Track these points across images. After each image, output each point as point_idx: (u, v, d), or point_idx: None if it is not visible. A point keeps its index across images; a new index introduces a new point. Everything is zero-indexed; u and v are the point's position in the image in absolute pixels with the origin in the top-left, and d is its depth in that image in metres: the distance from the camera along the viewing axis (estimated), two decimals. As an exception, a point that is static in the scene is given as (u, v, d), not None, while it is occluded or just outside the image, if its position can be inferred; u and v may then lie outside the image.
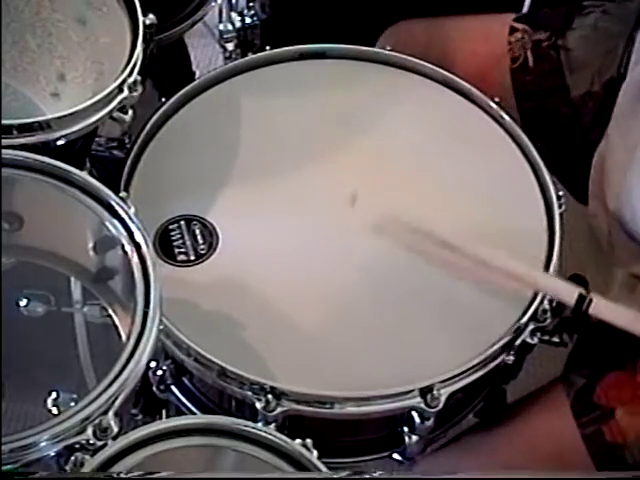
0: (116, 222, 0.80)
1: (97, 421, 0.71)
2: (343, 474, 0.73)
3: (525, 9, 1.17)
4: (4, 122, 0.84)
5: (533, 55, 1.07)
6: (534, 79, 1.06)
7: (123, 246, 0.79)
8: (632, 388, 0.91)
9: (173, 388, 0.94)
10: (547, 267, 0.91)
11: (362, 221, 0.95)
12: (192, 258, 0.92)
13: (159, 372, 0.92)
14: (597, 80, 1.03)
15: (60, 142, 0.87)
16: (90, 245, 0.85)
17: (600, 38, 1.04)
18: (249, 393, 0.83)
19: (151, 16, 0.95)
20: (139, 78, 0.91)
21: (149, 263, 0.78)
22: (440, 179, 0.99)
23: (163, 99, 1.01)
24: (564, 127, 1.05)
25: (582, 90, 1.05)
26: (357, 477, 0.73)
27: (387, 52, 1.07)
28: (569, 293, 0.86)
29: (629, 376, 0.92)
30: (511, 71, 1.08)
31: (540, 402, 0.98)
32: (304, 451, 0.73)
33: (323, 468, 0.73)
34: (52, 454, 0.70)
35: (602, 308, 0.85)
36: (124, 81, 0.89)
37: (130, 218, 0.80)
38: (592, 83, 1.04)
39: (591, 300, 0.84)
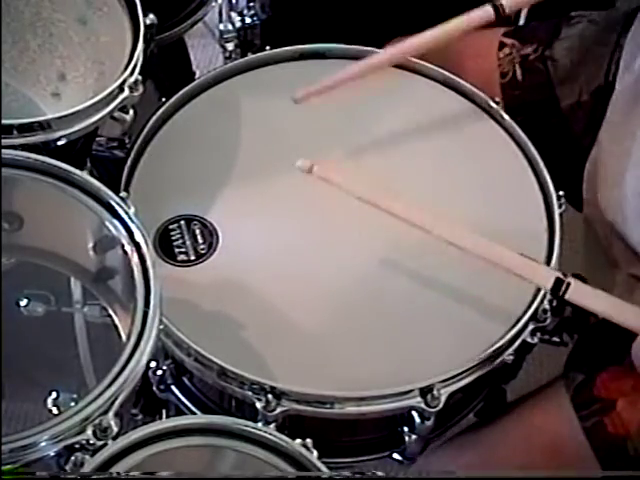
0: (116, 222, 0.80)
1: (97, 421, 0.71)
2: (343, 474, 0.73)
3: (522, 21, 1.17)
4: (4, 122, 0.84)
5: (521, 69, 1.08)
6: (523, 93, 1.07)
7: (123, 246, 0.79)
8: (632, 380, 0.91)
9: (173, 388, 0.94)
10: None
11: (363, 221, 0.95)
12: (192, 258, 0.92)
13: (159, 372, 0.92)
14: (585, 89, 1.04)
15: (61, 142, 0.87)
16: (90, 245, 0.85)
17: (587, 47, 1.05)
18: (249, 393, 0.84)
19: (151, 16, 0.95)
20: (140, 78, 0.91)
21: (149, 263, 0.78)
22: (440, 179, 0.99)
23: (163, 99, 1.01)
24: (555, 138, 1.06)
25: (571, 100, 1.05)
26: (357, 477, 0.73)
27: (387, 52, 1.07)
28: (546, 276, 0.85)
29: (628, 369, 0.92)
30: (501, 86, 1.09)
31: (539, 397, 0.98)
32: (304, 451, 0.73)
33: (323, 468, 0.73)
34: (52, 454, 0.71)
35: (580, 293, 0.84)
36: (125, 81, 0.89)
37: (130, 218, 0.80)
38: (580, 93, 1.04)
39: (569, 284, 0.84)
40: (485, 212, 0.96)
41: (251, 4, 1.18)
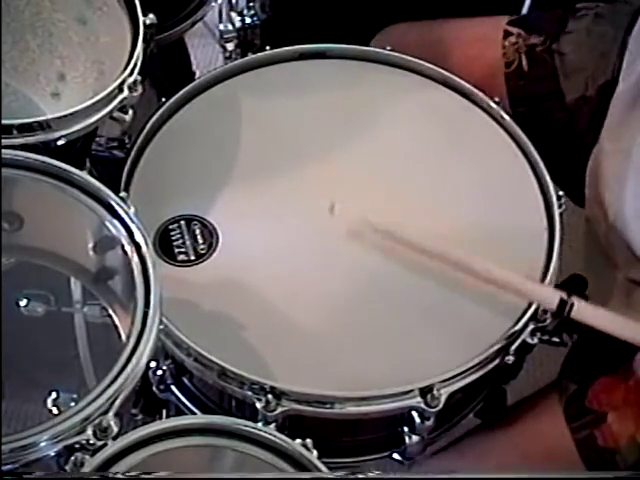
0: (116, 222, 0.80)
1: (97, 421, 0.71)
2: (343, 474, 0.73)
3: (525, 10, 1.17)
4: (4, 122, 0.84)
5: (527, 59, 1.07)
6: (528, 84, 1.06)
7: (123, 246, 0.79)
8: (623, 392, 0.91)
9: (173, 388, 0.94)
10: (547, 267, 0.91)
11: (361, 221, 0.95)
12: (192, 258, 0.92)
13: (159, 372, 0.92)
14: (591, 85, 1.03)
15: (60, 142, 0.87)
16: (90, 245, 0.85)
17: (594, 42, 1.04)
18: (249, 393, 0.83)
19: (151, 16, 0.95)
20: (139, 78, 0.91)
21: (149, 263, 0.78)
22: (440, 179, 0.99)
23: (163, 99, 1.01)
24: (559, 132, 1.05)
25: (576, 95, 1.04)
26: (357, 477, 0.73)
27: (387, 52, 1.07)
28: (550, 298, 0.86)
29: (620, 380, 0.92)
30: (505, 75, 1.08)
31: (533, 407, 0.98)
32: (304, 451, 0.73)
33: (323, 468, 0.73)
34: (52, 454, 0.70)
35: (583, 312, 0.85)
36: (124, 81, 0.89)
37: (130, 218, 0.80)
38: (586, 88, 1.04)
39: (572, 304, 0.84)
40: (485, 212, 0.96)
41: (251, 4, 1.18)
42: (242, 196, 0.96)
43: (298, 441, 0.74)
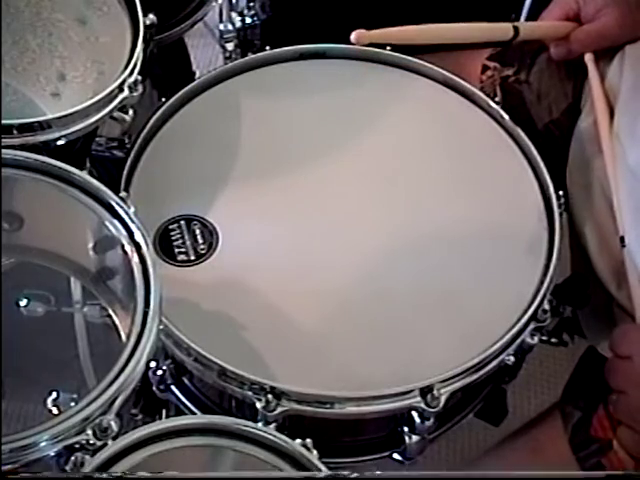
0: (116, 222, 0.80)
1: (97, 421, 0.71)
2: (343, 474, 0.73)
3: (525, 10, 1.18)
4: (4, 122, 0.84)
5: (501, 91, 1.09)
6: None
7: (123, 246, 0.79)
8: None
9: (173, 388, 0.94)
10: (547, 267, 0.91)
11: (362, 221, 0.95)
12: (192, 258, 0.92)
13: (159, 372, 0.92)
14: (555, 109, 1.06)
15: (60, 142, 0.87)
16: (90, 245, 0.85)
17: (553, 68, 1.07)
18: (249, 393, 0.84)
19: (151, 16, 0.96)
20: (139, 78, 0.91)
21: (149, 263, 0.78)
22: (440, 179, 0.99)
23: (163, 99, 1.01)
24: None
25: (545, 120, 1.07)
26: (358, 477, 0.73)
27: (387, 52, 1.07)
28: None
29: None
30: None
31: (538, 437, 0.97)
32: (304, 451, 0.73)
33: (323, 468, 0.73)
34: (52, 454, 0.70)
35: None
36: (124, 81, 0.90)
37: (130, 218, 0.80)
38: (551, 112, 1.06)
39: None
40: (485, 212, 0.96)
41: (251, 4, 1.18)
42: (242, 196, 0.97)
43: (298, 441, 0.74)
